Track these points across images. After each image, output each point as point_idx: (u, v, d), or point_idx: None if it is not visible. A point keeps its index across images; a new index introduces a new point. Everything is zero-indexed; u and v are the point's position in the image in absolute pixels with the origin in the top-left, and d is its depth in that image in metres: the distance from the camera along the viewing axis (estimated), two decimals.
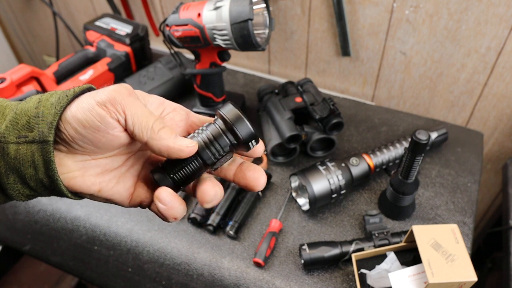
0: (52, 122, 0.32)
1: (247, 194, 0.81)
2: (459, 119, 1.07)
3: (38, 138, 0.32)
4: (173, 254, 0.76)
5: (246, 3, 0.71)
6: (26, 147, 0.33)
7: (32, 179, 0.33)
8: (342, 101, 1.04)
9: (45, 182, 0.34)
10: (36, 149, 0.33)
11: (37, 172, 0.33)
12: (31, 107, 0.33)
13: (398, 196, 0.74)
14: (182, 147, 0.33)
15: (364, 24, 0.99)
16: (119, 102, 0.33)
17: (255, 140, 0.36)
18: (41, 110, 0.33)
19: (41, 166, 0.33)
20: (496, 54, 0.91)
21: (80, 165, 0.35)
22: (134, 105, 0.33)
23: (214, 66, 0.86)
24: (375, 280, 0.67)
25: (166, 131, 0.34)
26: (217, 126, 0.35)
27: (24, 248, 0.86)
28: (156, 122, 0.34)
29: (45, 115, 0.32)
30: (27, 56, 1.76)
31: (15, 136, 0.33)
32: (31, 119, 0.33)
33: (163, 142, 0.33)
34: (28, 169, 0.33)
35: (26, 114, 0.33)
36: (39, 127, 0.32)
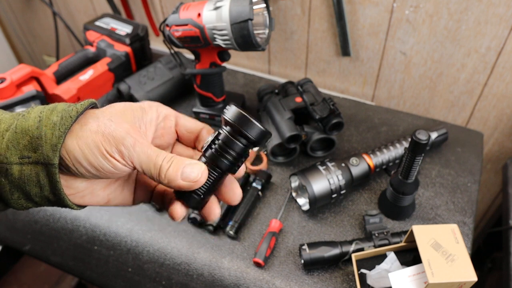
0: (57, 145, 0.32)
1: (247, 194, 0.81)
2: (459, 119, 1.07)
3: (42, 160, 0.32)
4: (173, 254, 0.76)
5: (246, 3, 0.71)
6: (30, 167, 0.32)
7: (37, 196, 0.34)
8: (342, 101, 1.04)
9: (51, 198, 0.34)
10: (40, 170, 0.32)
11: (42, 190, 0.33)
12: (31, 126, 0.32)
13: (398, 196, 0.74)
14: (191, 184, 0.35)
15: (364, 24, 0.99)
16: (126, 155, 0.34)
17: (268, 134, 0.36)
18: (44, 131, 0.32)
19: (47, 185, 0.33)
20: (496, 54, 0.91)
21: (88, 184, 0.36)
22: (140, 154, 0.34)
23: (214, 66, 0.86)
24: (375, 280, 0.67)
25: (172, 170, 0.34)
26: (226, 133, 0.36)
27: (24, 248, 0.86)
28: (163, 164, 0.34)
29: (48, 137, 0.32)
30: (27, 56, 1.76)
31: (18, 156, 0.32)
32: (33, 139, 0.32)
33: (172, 184, 0.34)
34: (33, 188, 0.33)
35: (27, 133, 0.32)
36: (43, 149, 0.32)
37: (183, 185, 0.34)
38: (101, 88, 1.02)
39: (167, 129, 0.39)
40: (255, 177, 0.83)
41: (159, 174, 0.34)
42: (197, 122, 0.40)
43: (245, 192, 0.82)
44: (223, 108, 0.95)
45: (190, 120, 0.40)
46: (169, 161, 0.34)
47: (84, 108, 0.34)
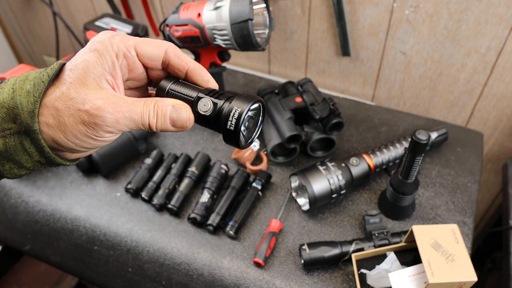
0: (34, 110, 0.32)
1: (247, 194, 0.81)
2: (459, 119, 1.07)
3: (23, 129, 0.32)
4: (173, 254, 0.76)
5: (246, 3, 0.71)
6: (13, 138, 0.33)
7: (28, 161, 0.34)
8: (342, 101, 1.04)
9: (42, 161, 0.35)
10: (24, 138, 0.33)
11: (32, 156, 0.34)
12: (6, 98, 0.33)
13: (398, 196, 0.74)
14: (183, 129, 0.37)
15: (364, 24, 0.99)
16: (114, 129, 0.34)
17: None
18: (19, 100, 0.32)
19: (34, 151, 0.33)
20: (496, 54, 0.91)
21: None
22: (125, 120, 0.34)
23: (214, 66, 0.86)
24: (375, 280, 0.67)
25: (161, 122, 0.36)
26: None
27: (24, 248, 0.86)
28: (150, 120, 0.35)
29: (23, 105, 0.32)
30: (27, 56, 1.76)
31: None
32: (9, 110, 0.32)
33: (166, 131, 0.37)
34: (22, 156, 0.34)
35: (3, 106, 0.33)
36: (21, 117, 0.32)
37: (176, 130, 0.37)
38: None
39: (132, 65, 0.37)
40: (255, 177, 0.83)
41: (150, 128, 0.36)
42: (158, 45, 0.38)
43: (245, 192, 0.82)
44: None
45: (150, 44, 0.37)
46: (154, 115, 0.36)
47: (54, 71, 0.34)
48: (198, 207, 0.78)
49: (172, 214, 0.81)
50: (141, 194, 0.82)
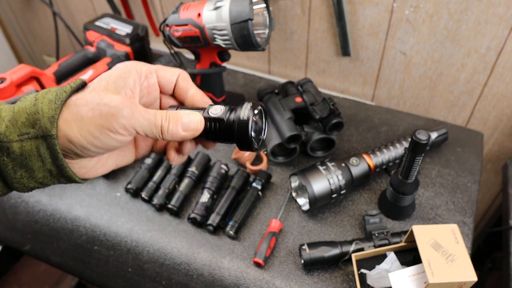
0: (54, 116, 0.33)
1: (247, 194, 0.81)
2: (459, 119, 1.07)
3: (41, 133, 0.33)
4: (173, 254, 0.76)
5: (246, 3, 0.71)
6: (30, 143, 0.34)
7: (40, 170, 0.35)
8: (342, 101, 1.04)
9: (53, 171, 0.35)
10: (41, 143, 0.34)
11: (45, 163, 0.34)
12: (28, 105, 0.34)
13: (398, 196, 0.74)
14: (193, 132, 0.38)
15: (364, 24, 0.99)
16: (128, 125, 0.35)
17: None
18: (40, 107, 0.34)
19: (48, 157, 0.34)
20: (496, 54, 0.91)
21: (97, 159, 0.38)
22: (140, 120, 0.36)
23: (214, 66, 0.86)
24: (375, 280, 0.67)
25: (172, 126, 0.37)
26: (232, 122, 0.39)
27: (24, 248, 0.86)
28: (163, 123, 0.37)
29: (44, 111, 0.33)
30: (27, 56, 1.76)
31: (17, 134, 0.34)
32: (30, 115, 0.34)
33: (175, 137, 0.38)
34: (35, 162, 0.34)
35: (24, 111, 0.34)
36: (41, 122, 0.33)
37: (186, 136, 0.38)
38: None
39: (151, 86, 0.41)
40: (255, 177, 0.83)
41: (162, 133, 0.37)
42: (173, 71, 0.42)
43: (245, 192, 0.82)
44: None
45: (167, 70, 0.42)
46: (166, 118, 0.37)
47: (77, 85, 0.36)
48: (198, 207, 0.78)
49: (172, 214, 0.81)
50: (141, 194, 0.82)
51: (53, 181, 0.36)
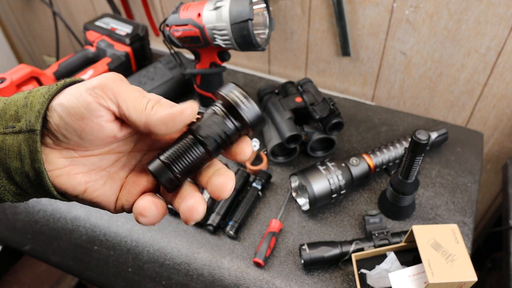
0: (40, 110, 0.31)
1: (247, 194, 0.81)
2: (459, 119, 1.07)
3: (25, 128, 0.31)
4: (173, 254, 0.76)
5: (246, 3, 0.71)
6: (13, 137, 0.31)
7: (17, 172, 0.32)
8: (342, 101, 1.04)
9: (31, 175, 0.32)
10: (22, 139, 0.31)
11: (23, 164, 0.32)
12: (20, 97, 0.32)
13: (398, 196, 0.74)
14: (183, 108, 0.31)
15: (364, 24, 0.99)
16: (110, 88, 0.31)
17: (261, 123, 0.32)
18: (30, 100, 0.32)
19: (27, 157, 0.31)
20: (496, 54, 0.91)
21: (66, 162, 0.33)
22: (126, 90, 0.32)
23: (214, 66, 0.86)
24: (375, 280, 0.67)
25: (162, 104, 0.32)
26: (219, 107, 0.32)
27: (24, 248, 0.86)
28: (150, 101, 0.32)
29: (33, 104, 0.31)
30: (27, 56, 1.76)
31: (3, 126, 0.32)
32: (19, 108, 0.32)
33: (162, 113, 0.31)
34: (14, 161, 0.32)
35: (15, 104, 0.32)
36: (27, 116, 0.31)
37: (174, 112, 0.31)
38: None
39: None
40: (255, 177, 0.83)
41: (147, 107, 0.31)
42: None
43: (245, 192, 0.82)
44: None
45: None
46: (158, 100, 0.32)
47: (72, 80, 0.33)
48: None
49: (172, 214, 0.81)
50: None
51: (33, 190, 0.33)
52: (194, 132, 0.32)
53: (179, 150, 0.32)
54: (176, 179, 0.32)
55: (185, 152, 0.32)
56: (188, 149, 0.32)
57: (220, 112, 0.32)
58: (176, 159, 0.31)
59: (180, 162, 0.31)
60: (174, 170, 0.31)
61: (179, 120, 0.31)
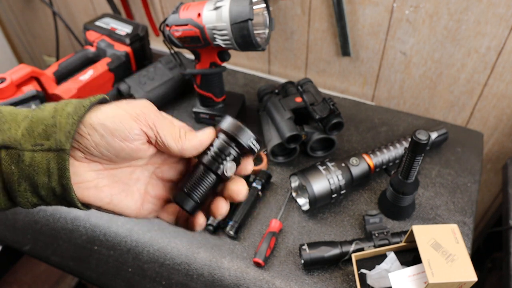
0: (70, 131, 0.33)
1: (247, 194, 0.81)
2: (459, 119, 1.07)
3: (54, 147, 0.33)
4: (173, 254, 0.76)
5: (246, 3, 0.71)
6: (42, 155, 0.33)
7: (44, 187, 0.34)
8: (342, 101, 1.04)
9: (57, 190, 0.34)
10: (52, 157, 0.33)
11: (50, 180, 0.33)
12: (47, 116, 0.34)
13: (398, 196, 0.74)
14: (207, 136, 0.39)
15: (364, 24, 0.99)
16: (150, 117, 0.36)
17: (257, 143, 0.41)
18: (58, 120, 0.33)
19: (55, 174, 0.33)
20: (496, 54, 0.91)
21: (94, 175, 0.36)
22: (161, 119, 0.37)
23: (214, 66, 0.86)
24: (375, 280, 0.67)
25: (190, 133, 0.38)
26: (222, 141, 0.39)
27: (24, 248, 0.86)
28: (182, 129, 0.38)
29: (62, 125, 0.33)
30: (27, 56, 1.76)
31: (31, 143, 0.33)
32: (48, 127, 0.33)
33: (194, 141, 0.38)
34: (42, 176, 0.33)
35: (43, 122, 0.34)
36: (56, 136, 0.33)
37: (202, 139, 0.38)
38: (101, 88, 1.02)
39: None
40: (255, 177, 0.83)
41: (181, 137, 0.37)
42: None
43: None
44: (223, 108, 0.95)
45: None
46: (185, 129, 0.39)
47: (97, 100, 0.36)
48: None
49: None
50: None
51: (55, 201, 0.35)
52: (208, 165, 0.39)
53: (197, 181, 0.39)
54: (198, 204, 0.39)
55: (201, 182, 0.39)
56: (203, 179, 0.39)
57: (224, 144, 0.39)
58: (195, 189, 0.39)
59: (198, 190, 0.39)
60: (195, 198, 0.38)
61: (204, 145, 0.39)
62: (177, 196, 0.38)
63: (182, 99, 1.06)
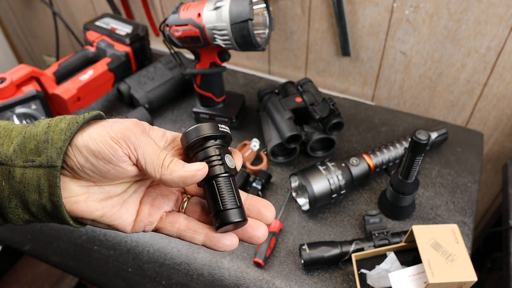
0: (62, 147, 0.32)
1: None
2: (459, 119, 1.07)
3: (45, 163, 0.32)
4: (173, 254, 0.76)
5: (246, 3, 0.71)
6: (33, 171, 0.33)
7: (35, 204, 0.33)
8: (342, 101, 1.04)
9: (48, 207, 0.33)
10: (42, 174, 0.33)
11: (41, 197, 0.33)
12: (40, 132, 0.33)
13: (398, 196, 0.74)
14: (195, 172, 0.34)
15: (364, 24, 0.99)
16: (132, 141, 0.34)
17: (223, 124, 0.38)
18: (50, 136, 0.33)
19: (46, 191, 0.33)
20: (496, 54, 0.91)
21: (84, 190, 0.35)
22: (145, 144, 0.35)
23: (214, 66, 0.86)
24: (375, 280, 0.67)
25: (175, 163, 0.35)
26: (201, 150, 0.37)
27: (24, 248, 0.86)
28: (166, 157, 0.35)
29: (54, 141, 0.33)
30: (27, 56, 1.76)
31: (23, 160, 0.33)
32: (39, 143, 0.33)
33: (175, 174, 0.34)
34: (32, 193, 0.33)
35: (35, 138, 0.33)
36: (48, 152, 0.32)
37: (186, 175, 0.34)
38: (101, 88, 1.02)
39: (177, 151, 0.39)
40: (255, 177, 0.83)
41: (162, 165, 0.34)
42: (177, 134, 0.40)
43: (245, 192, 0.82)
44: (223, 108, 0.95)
45: (173, 133, 0.40)
46: (171, 157, 0.35)
47: (91, 116, 0.35)
48: None
49: None
50: None
51: (47, 219, 0.35)
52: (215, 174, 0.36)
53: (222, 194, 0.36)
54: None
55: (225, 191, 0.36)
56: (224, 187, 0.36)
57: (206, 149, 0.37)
58: (226, 200, 0.36)
59: (231, 198, 0.36)
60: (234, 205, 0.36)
61: (189, 182, 0.35)
62: (221, 219, 0.35)
63: (182, 99, 1.06)
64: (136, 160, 0.34)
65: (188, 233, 0.38)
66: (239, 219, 0.35)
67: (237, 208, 0.35)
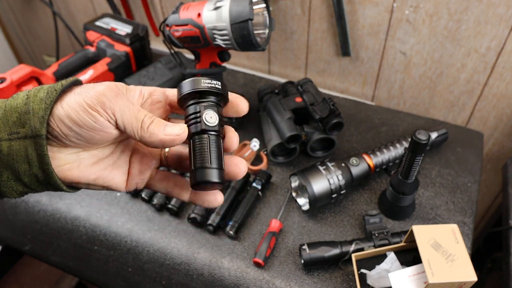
0: (44, 116, 0.33)
1: (247, 194, 0.81)
2: (459, 119, 1.07)
3: (30, 133, 0.33)
4: (173, 254, 0.76)
5: (246, 3, 0.71)
6: (19, 143, 0.33)
7: (26, 174, 0.34)
8: (342, 101, 1.04)
9: (40, 176, 0.34)
10: (29, 144, 0.33)
11: (31, 167, 0.34)
12: (20, 104, 0.34)
13: (398, 196, 0.74)
14: (173, 137, 0.34)
15: (364, 24, 0.99)
16: (108, 106, 0.34)
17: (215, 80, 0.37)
18: (31, 106, 0.33)
19: (35, 160, 0.33)
20: (496, 54, 0.91)
21: (74, 157, 0.36)
22: (122, 106, 0.34)
23: (214, 66, 0.86)
24: (375, 280, 0.67)
25: (155, 125, 0.35)
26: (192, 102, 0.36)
27: (24, 248, 0.86)
28: (145, 119, 0.35)
29: (35, 110, 0.33)
30: (27, 56, 1.76)
31: (7, 133, 0.33)
32: (21, 115, 0.33)
33: (154, 137, 0.34)
34: (22, 164, 0.33)
35: (16, 110, 0.33)
36: (31, 122, 0.33)
37: (165, 140, 0.34)
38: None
39: (155, 105, 0.38)
40: (255, 177, 0.83)
41: (141, 127, 0.34)
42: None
43: (245, 192, 0.82)
44: None
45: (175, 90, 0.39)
46: (151, 117, 0.35)
47: (68, 83, 0.35)
48: (198, 207, 0.78)
49: (172, 214, 0.81)
50: (141, 194, 0.82)
51: (41, 187, 0.35)
52: (195, 132, 0.35)
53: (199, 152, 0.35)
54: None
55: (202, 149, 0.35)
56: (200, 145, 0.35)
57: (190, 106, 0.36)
58: (205, 159, 0.35)
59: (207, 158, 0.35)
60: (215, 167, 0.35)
61: (168, 145, 0.35)
62: (195, 177, 0.34)
63: None
64: (116, 123, 0.35)
65: (176, 190, 0.40)
66: (208, 179, 0.34)
67: (210, 169, 0.34)
